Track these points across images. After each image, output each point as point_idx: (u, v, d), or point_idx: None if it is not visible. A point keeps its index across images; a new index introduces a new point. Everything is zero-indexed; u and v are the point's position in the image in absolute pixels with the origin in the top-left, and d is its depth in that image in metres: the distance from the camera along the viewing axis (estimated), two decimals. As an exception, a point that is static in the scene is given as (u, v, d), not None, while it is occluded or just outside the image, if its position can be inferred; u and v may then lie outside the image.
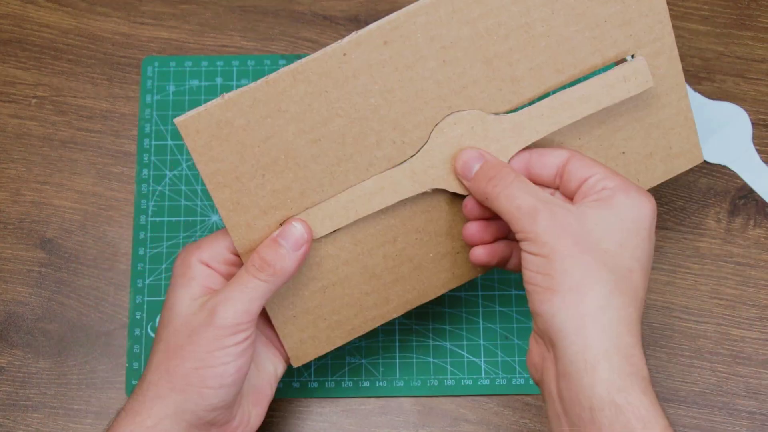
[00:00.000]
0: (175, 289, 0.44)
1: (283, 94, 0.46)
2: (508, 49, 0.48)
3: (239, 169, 0.46)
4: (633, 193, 0.42)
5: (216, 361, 0.42)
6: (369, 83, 0.47)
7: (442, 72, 0.47)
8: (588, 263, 0.40)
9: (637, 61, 0.42)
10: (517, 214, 0.42)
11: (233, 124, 0.46)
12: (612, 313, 0.39)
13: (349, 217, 0.44)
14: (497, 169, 0.44)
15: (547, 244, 0.40)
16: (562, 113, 0.43)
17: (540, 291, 0.40)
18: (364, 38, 0.46)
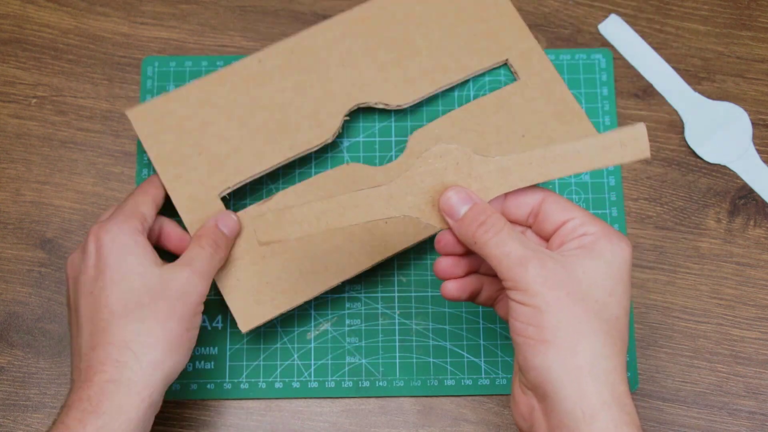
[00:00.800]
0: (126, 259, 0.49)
1: (213, 92, 0.59)
2: (396, 58, 0.61)
3: (181, 150, 0.58)
4: (614, 238, 0.42)
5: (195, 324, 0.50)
6: (282, 82, 0.60)
7: (343, 73, 0.60)
8: (580, 314, 0.40)
9: (638, 128, 0.42)
10: (506, 262, 0.41)
11: (175, 114, 0.58)
12: (606, 364, 0.40)
13: (320, 227, 0.45)
14: (487, 214, 0.43)
15: (538, 294, 0.40)
16: (553, 166, 0.43)
17: (532, 344, 0.40)
18: (274, 50, 0.60)
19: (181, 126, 0.58)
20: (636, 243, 0.59)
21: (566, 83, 0.62)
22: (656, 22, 0.64)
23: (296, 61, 0.60)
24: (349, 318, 0.58)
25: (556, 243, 0.43)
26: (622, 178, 0.61)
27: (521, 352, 0.41)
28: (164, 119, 0.58)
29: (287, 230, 0.45)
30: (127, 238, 0.49)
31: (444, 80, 0.61)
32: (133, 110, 0.58)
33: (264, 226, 0.45)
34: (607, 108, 0.62)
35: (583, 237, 0.42)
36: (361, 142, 0.61)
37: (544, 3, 0.64)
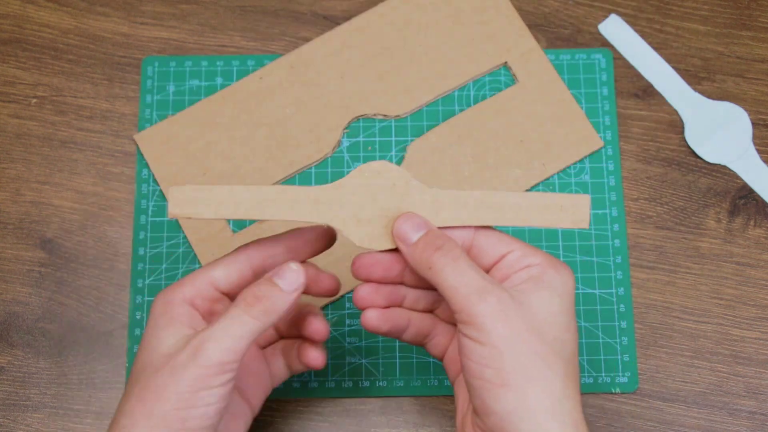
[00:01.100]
0: (156, 329, 0.41)
1: (215, 112, 0.60)
2: (395, 66, 0.61)
3: (186, 172, 0.59)
4: (560, 268, 0.41)
5: (199, 402, 0.39)
6: (283, 98, 0.60)
7: (343, 86, 0.61)
8: (541, 354, 0.38)
9: (581, 198, 0.41)
10: (463, 291, 0.38)
11: (179, 136, 0.60)
12: (568, 404, 0.38)
13: (237, 214, 0.41)
14: (444, 239, 0.40)
15: (494, 332, 0.37)
16: (488, 213, 0.42)
17: (490, 387, 0.38)
18: (275, 66, 0.61)
19: (185, 147, 0.60)
20: (636, 243, 0.59)
21: (566, 83, 0.62)
22: (656, 22, 0.64)
23: (296, 76, 0.61)
24: (349, 318, 0.58)
25: (497, 276, 0.41)
26: (622, 178, 0.61)
27: (478, 395, 0.38)
28: (170, 141, 0.60)
29: (200, 208, 0.41)
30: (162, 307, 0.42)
31: (443, 87, 0.61)
32: (140, 134, 0.60)
33: (179, 196, 0.41)
34: (607, 108, 0.62)
35: (530, 268, 0.40)
36: (361, 142, 0.61)
37: (544, 3, 0.64)
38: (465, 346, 0.39)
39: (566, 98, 0.61)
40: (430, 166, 0.60)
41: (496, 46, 0.62)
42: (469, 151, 0.60)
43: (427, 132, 0.61)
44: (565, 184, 0.60)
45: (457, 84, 0.62)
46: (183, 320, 0.41)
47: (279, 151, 0.60)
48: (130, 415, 0.39)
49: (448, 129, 0.60)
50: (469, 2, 0.63)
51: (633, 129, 0.62)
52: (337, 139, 0.60)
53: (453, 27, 0.62)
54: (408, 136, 0.61)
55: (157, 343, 0.41)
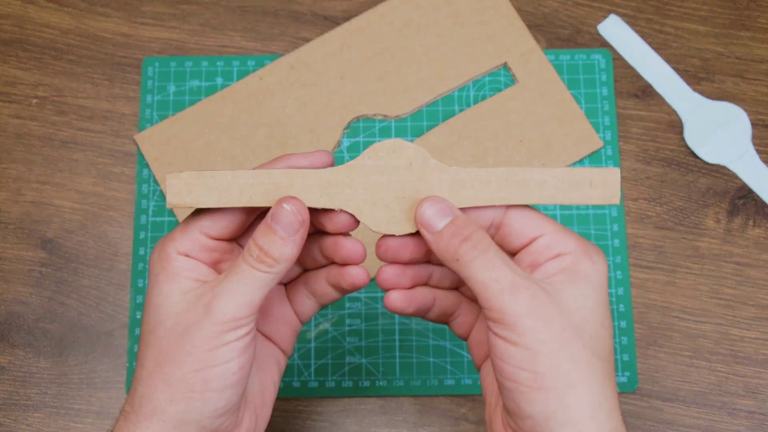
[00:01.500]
0: (158, 285, 0.38)
1: (216, 112, 0.61)
2: (395, 67, 0.62)
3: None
4: (593, 255, 0.38)
5: (218, 360, 0.37)
6: (283, 98, 0.61)
7: (342, 86, 0.61)
8: (578, 355, 0.36)
9: (611, 171, 0.39)
10: (494, 288, 0.36)
11: (179, 136, 0.60)
12: (606, 405, 0.36)
13: (241, 200, 0.39)
14: (471, 229, 0.37)
15: (529, 333, 0.35)
16: (512, 191, 0.39)
17: (526, 391, 0.35)
18: (275, 66, 0.62)
19: (186, 147, 0.60)
20: (636, 243, 0.60)
21: (566, 83, 0.62)
22: (656, 23, 0.64)
23: (296, 76, 0.61)
24: (349, 318, 0.58)
25: (526, 262, 0.38)
26: (621, 178, 0.61)
27: (511, 398, 0.36)
28: (170, 142, 0.60)
29: (202, 196, 0.39)
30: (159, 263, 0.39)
31: (443, 87, 0.62)
32: (140, 134, 0.60)
33: (178, 185, 0.39)
34: (607, 108, 0.62)
35: (562, 258, 0.37)
36: (361, 142, 0.61)
37: (544, 3, 0.64)
38: (497, 347, 0.36)
39: (566, 98, 0.61)
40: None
41: (496, 47, 0.62)
42: (469, 151, 0.60)
43: (427, 132, 0.61)
44: (564, 184, 0.60)
45: (457, 84, 0.62)
46: (184, 273, 0.38)
47: (279, 151, 0.60)
48: (148, 382, 0.37)
49: (448, 129, 0.61)
50: (468, 3, 0.63)
51: (632, 129, 0.62)
52: (337, 139, 0.60)
53: (453, 27, 0.62)
54: (408, 136, 0.61)
55: (162, 300, 0.38)
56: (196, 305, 0.37)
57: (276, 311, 0.44)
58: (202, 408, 0.37)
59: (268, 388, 0.43)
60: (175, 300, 0.38)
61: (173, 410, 0.37)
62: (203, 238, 0.39)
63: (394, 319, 0.58)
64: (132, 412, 0.37)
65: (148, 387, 0.37)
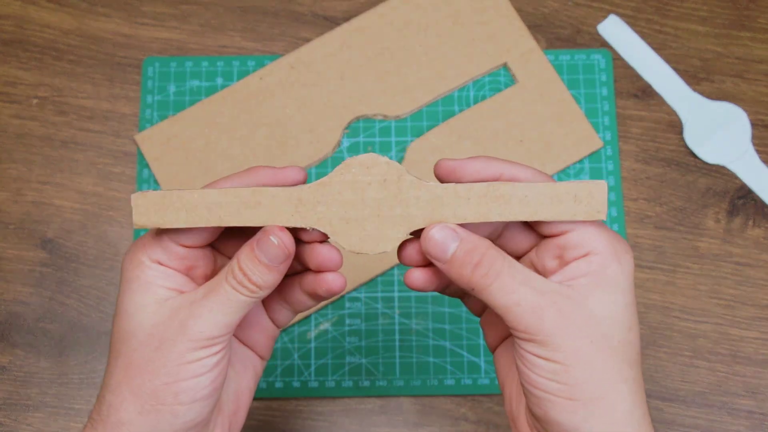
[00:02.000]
0: (129, 294, 0.38)
1: (216, 112, 0.61)
2: (395, 67, 0.62)
3: (187, 172, 0.60)
4: (622, 254, 0.37)
5: (189, 374, 0.36)
6: (283, 98, 0.61)
7: (342, 86, 0.61)
8: (609, 363, 0.35)
9: (596, 185, 0.37)
10: (516, 311, 0.35)
11: (179, 136, 0.60)
12: (638, 412, 0.36)
13: (210, 220, 0.38)
14: (481, 251, 0.36)
15: (561, 348, 0.35)
16: (492, 207, 0.37)
17: (555, 400, 0.35)
18: (275, 66, 0.62)
19: (186, 147, 0.60)
20: (635, 243, 0.60)
21: (565, 84, 0.62)
22: (655, 23, 0.64)
23: (296, 76, 0.61)
24: (349, 318, 0.58)
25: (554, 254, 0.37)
26: (621, 179, 0.61)
27: (540, 405, 0.36)
28: (170, 142, 0.60)
29: (170, 216, 0.38)
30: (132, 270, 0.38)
31: (442, 88, 0.62)
32: (141, 135, 0.60)
33: (144, 204, 0.38)
34: (607, 108, 0.62)
35: (590, 259, 0.36)
36: (360, 143, 0.61)
37: (544, 4, 0.64)
38: (524, 357, 0.36)
39: (566, 98, 0.61)
40: (430, 166, 0.60)
41: (496, 47, 0.62)
42: (469, 151, 0.60)
43: (427, 132, 0.61)
44: (564, 184, 0.60)
45: (457, 84, 0.62)
46: (158, 282, 0.38)
47: (279, 151, 0.60)
48: (117, 391, 0.37)
49: (448, 129, 0.61)
50: (468, 3, 0.63)
51: (632, 129, 0.62)
52: (337, 139, 0.60)
53: (453, 27, 0.62)
54: (408, 136, 0.61)
55: (134, 309, 0.37)
56: (171, 320, 0.37)
57: (252, 319, 0.43)
58: (171, 420, 0.37)
59: (243, 393, 0.42)
60: (149, 311, 0.37)
61: (142, 422, 0.36)
62: (176, 247, 0.38)
63: (394, 319, 0.58)
64: (99, 421, 0.37)
65: (117, 397, 0.37)
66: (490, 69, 0.62)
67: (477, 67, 0.62)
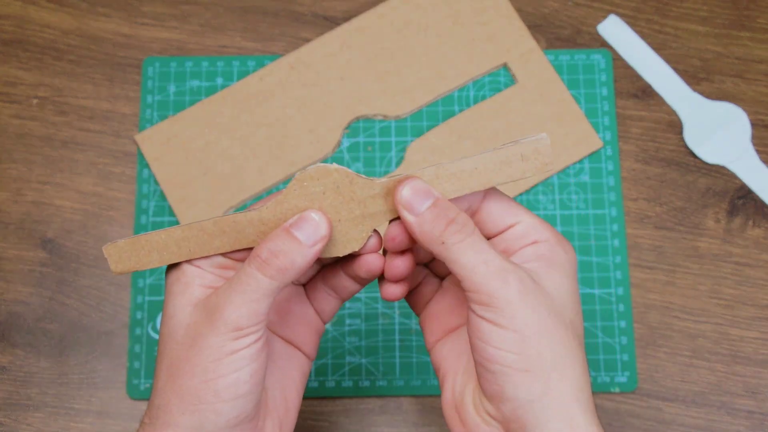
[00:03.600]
0: (171, 297, 0.38)
1: (216, 112, 0.61)
2: (395, 67, 0.62)
3: (187, 172, 0.60)
4: (565, 244, 0.38)
5: (226, 369, 0.36)
6: (283, 98, 0.61)
7: (342, 87, 0.61)
8: (563, 338, 0.35)
9: (539, 140, 0.37)
10: (482, 270, 0.35)
11: (179, 136, 0.60)
12: (587, 390, 0.36)
13: (181, 254, 0.39)
14: (455, 211, 0.36)
15: (519, 316, 0.35)
16: (447, 185, 0.38)
17: (511, 373, 0.35)
18: (275, 66, 0.62)
19: (186, 147, 0.60)
20: (635, 243, 0.60)
21: (565, 84, 0.62)
22: (655, 23, 0.64)
23: (296, 77, 0.61)
24: (349, 318, 0.58)
25: (500, 247, 0.38)
26: (621, 179, 0.61)
27: (494, 381, 0.35)
28: (170, 142, 0.60)
29: (144, 259, 0.39)
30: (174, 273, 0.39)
31: (442, 88, 0.62)
32: (141, 135, 0.60)
33: (117, 253, 0.39)
34: (607, 108, 0.62)
35: (538, 245, 0.37)
36: (360, 142, 0.61)
37: (544, 4, 0.64)
38: (481, 330, 0.35)
39: (566, 99, 0.61)
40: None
41: (496, 47, 0.62)
42: (469, 151, 0.60)
43: (427, 132, 0.61)
44: (564, 184, 0.61)
45: (457, 84, 0.62)
46: (195, 282, 0.38)
47: (279, 151, 0.60)
48: (162, 393, 0.37)
49: (448, 129, 0.61)
50: (468, 3, 0.63)
51: (632, 129, 0.62)
52: (337, 139, 0.60)
53: (453, 28, 0.62)
54: (408, 136, 0.61)
55: (174, 311, 0.38)
56: (202, 313, 0.37)
57: (296, 313, 0.43)
58: (215, 419, 0.36)
59: (291, 395, 0.42)
60: (186, 311, 0.37)
61: (186, 422, 0.36)
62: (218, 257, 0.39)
63: (394, 319, 0.58)
64: (150, 425, 0.37)
65: (162, 398, 0.37)
66: (490, 69, 0.62)
67: (477, 67, 0.62)
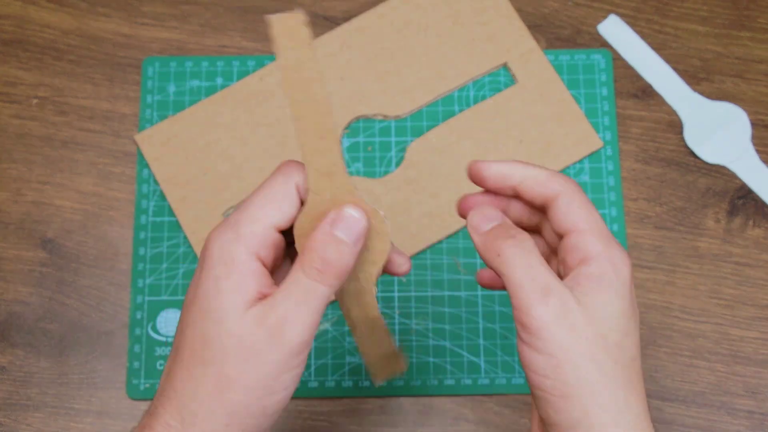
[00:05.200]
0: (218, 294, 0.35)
1: (216, 112, 0.61)
2: (395, 67, 0.61)
3: (187, 172, 0.59)
4: (616, 258, 0.37)
5: (280, 387, 0.36)
6: (283, 98, 0.59)
7: (343, 86, 0.61)
8: (602, 365, 0.35)
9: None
10: (527, 287, 0.35)
11: (179, 136, 0.60)
12: (629, 415, 0.36)
13: None
14: (517, 230, 0.38)
15: (553, 340, 0.35)
16: None
17: (551, 399, 0.35)
18: (274, 66, 0.62)
19: (186, 147, 0.60)
20: (635, 243, 0.60)
21: (565, 84, 0.62)
22: (655, 23, 0.64)
23: None
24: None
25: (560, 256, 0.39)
26: (621, 179, 0.61)
27: (541, 407, 0.36)
28: (170, 142, 0.60)
29: None
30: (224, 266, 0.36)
31: (442, 88, 0.62)
32: (141, 135, 0.60)
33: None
34: (607, 108, 0.62)
35: (589, 264, 0.37)
36: (360, 142, 0.61)
37: (544, 4, 0.64)
38: (523, 354, 0.36)
39: (566, 98, 0.61)
40: (430, 166, 0.60)
41: (496, 47, 0.62)
42: (469, 152, 0.60)
43: (427, 132, 0.61)
44: (564, 184, 0.60)
45: (457, 84, 0.62)
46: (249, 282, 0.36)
47: (279, 151, 0.60)
48: (206, 402, 0.35)
49: (448, 129, 0.61)
50: (468, 3, 0.63)
51: (632, 129, 0.62)
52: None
53: (453, 27, 0.62)
54: (408, 136, 0.61)
55: (223, 313, 0.35)
56: (258, 328, 0.35)
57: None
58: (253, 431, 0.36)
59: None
60: (237, 316, 0.35)
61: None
62: (273, 234, 0.36)
63: (394, 319, 0.58)
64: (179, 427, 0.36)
65: (205, 408, 0.35)
66: (490, 69, 0.62)
67: (477, 67, 0.62)
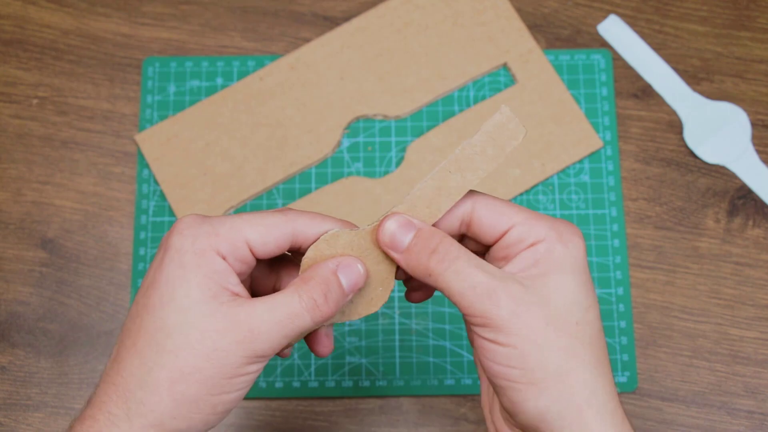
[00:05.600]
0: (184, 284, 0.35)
1: (217, 111, 0.61)
2: (395, 67, 0.62)
3: (187, 172, 0.59)
4: (566, 237, 0.36)
5: (234, 387, 0.36)
6: (283, 99, 0.61)
7: (342, 87, 0.61)
8: (565, 345, 0.35)
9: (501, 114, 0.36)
10: (470, 296, 0.35)
11: (180, 136, 0.60)
12: (602, 392, 0.35)
13: None
14: (438, 239, 0.36)
15: (514, 332, 0.35)
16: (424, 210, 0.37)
17: (518, 387, 0.35)
18: (275, 66, 0.62)
19: (186, 147, 0.60)
20: (635, 243, 0.60)
21: (565, 84, 0.62)
22: (655, 23, 0.64)
23: (296, 77, 0.61)
24: (349, 318, 0.58)
25: (500, 256, 0.37)
26: (621, 179, 0.61)
27: (506, 396, 0.36)
28: (170, 142, 0.60)
29: None
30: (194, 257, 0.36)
31: (442, 88, 0.62)
32: (141, 135, 0.60)
33: None
34: (607, 108, 0.62)
35: (536, 247, 0.36)
36: (360, 142, 0.61)
37: (544, 4, 0.64)
38: (484, 348, 0.36)
39: (566, 99, 0.61)
40: (429, 166, 0.60)
41: (496, 47, 0.62)
42: None
43: (427, 132, 0.61)
44: (564, 184, 0.61)
45: (457, 84, 0.62)
46: (217, 278, 0.36)
47: (279, 151, 0.60)
48: (155, 391, 0.35)
49: (448, 129, 0.61)
50: (468, 3, 0.63)
51: (632, 129, 0.62)
52: (337, 140, 0.60)
53: (453, 28, 0.62)
54: (408, 136, 0.61)
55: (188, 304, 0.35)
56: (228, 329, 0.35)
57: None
58: (200, 428, 0.36)
59: None
60: (203, 310, 0.35)
61: (172, 425, 0.35)
62: (245, 251, 0.37)
63: (394, 319, 0.58)
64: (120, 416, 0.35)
65: (153, 396, 0.35)
66: (490, 69, 0.62)
67: (477, 67, 0.62)
